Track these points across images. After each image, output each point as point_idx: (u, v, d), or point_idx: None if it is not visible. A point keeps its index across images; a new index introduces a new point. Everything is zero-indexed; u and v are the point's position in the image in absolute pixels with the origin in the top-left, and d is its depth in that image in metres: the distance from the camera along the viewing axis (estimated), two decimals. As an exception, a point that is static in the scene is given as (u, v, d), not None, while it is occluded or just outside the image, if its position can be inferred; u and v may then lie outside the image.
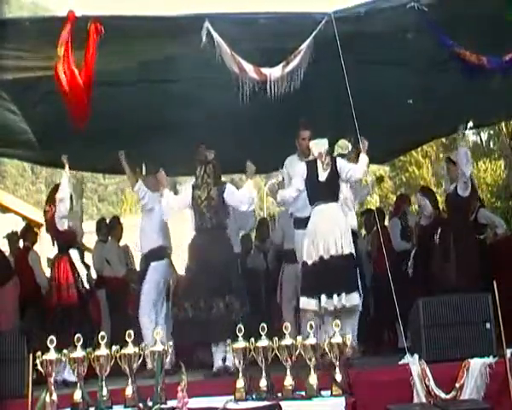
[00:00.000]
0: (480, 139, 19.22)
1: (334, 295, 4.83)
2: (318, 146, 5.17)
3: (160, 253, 5.94)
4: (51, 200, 5.77)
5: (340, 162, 5.20)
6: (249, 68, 4.57)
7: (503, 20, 4.72)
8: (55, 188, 5.91)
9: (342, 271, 4.92)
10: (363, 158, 5.18)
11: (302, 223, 5.37)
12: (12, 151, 7.18)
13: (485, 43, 4.74)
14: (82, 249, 6.06)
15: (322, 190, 5.11)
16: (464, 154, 5.85)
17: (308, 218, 5.17)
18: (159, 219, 5.86)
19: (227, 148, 5.57)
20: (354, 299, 4.89)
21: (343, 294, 4.85)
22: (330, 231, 4.97)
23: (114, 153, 6.00)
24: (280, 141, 5.94)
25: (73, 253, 5.72)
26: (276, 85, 4.62)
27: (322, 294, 4.86)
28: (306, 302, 4.98)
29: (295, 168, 5.42)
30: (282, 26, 4.70)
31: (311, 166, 5.18)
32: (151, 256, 5.88)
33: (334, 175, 5.12)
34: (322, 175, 5.11)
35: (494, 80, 4.89)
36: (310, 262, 5.01)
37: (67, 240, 5.74)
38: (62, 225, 5.64)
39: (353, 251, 5.04)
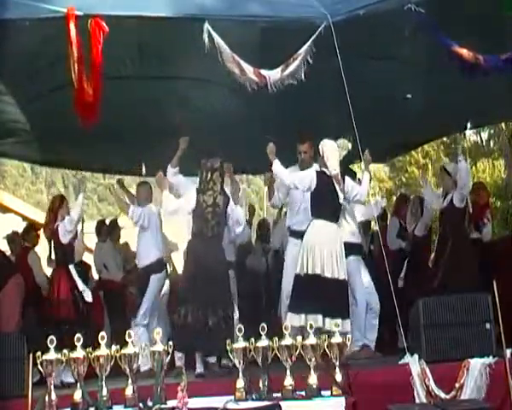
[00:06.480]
0: (481, 139, 19.15)
1: (319, 317, 4.73)
2: (335, 162, 5.06)
3: (159, 265, 5.98)
4: (54, 211, 5.70)
5: (348, 183, 5.15)
6: (249, 70, 4.58)
7: (503, 20, 4.73)
8: (57, 199, 5.86)
9: (334, 295, 4.82)
10: (366, 177, 5.23)
11: (297, 234, 5.33)
12: (11, 150, 7.17)
13: (486, 43, 4.74)
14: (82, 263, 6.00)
15: (328, 208, 5.04)
16: (465, 169, 5.88)
17: (305, 232, 5.08)
18: (155, 232, 5.92)
19: (227, 149, 5.57)
20: (342, 325, 4.66)
21: (328, 318, 4.73)
22: (328, 252, 4.89)
23: (115, 153, 6.00)
24: (280, 141, 5.93)
25: (71, 267, 5.65)
26: (276, 87, 4.64)
27: (310, 314, 4.74)
28: (291, 318, 4.82)
29: (304, 172, 5.30)
30: (281, 29, 4.71)
31: (323, 180, 5.05)
32: (151, 270, 5.89)
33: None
34: (341, 196, 5.04)
35: (493, 79, 4.89)
36: (302, 274, 4.93)
37: (67, 253, 5.69)
38: (66, 238, 5.59)
39: (346, 277, 4.98)
